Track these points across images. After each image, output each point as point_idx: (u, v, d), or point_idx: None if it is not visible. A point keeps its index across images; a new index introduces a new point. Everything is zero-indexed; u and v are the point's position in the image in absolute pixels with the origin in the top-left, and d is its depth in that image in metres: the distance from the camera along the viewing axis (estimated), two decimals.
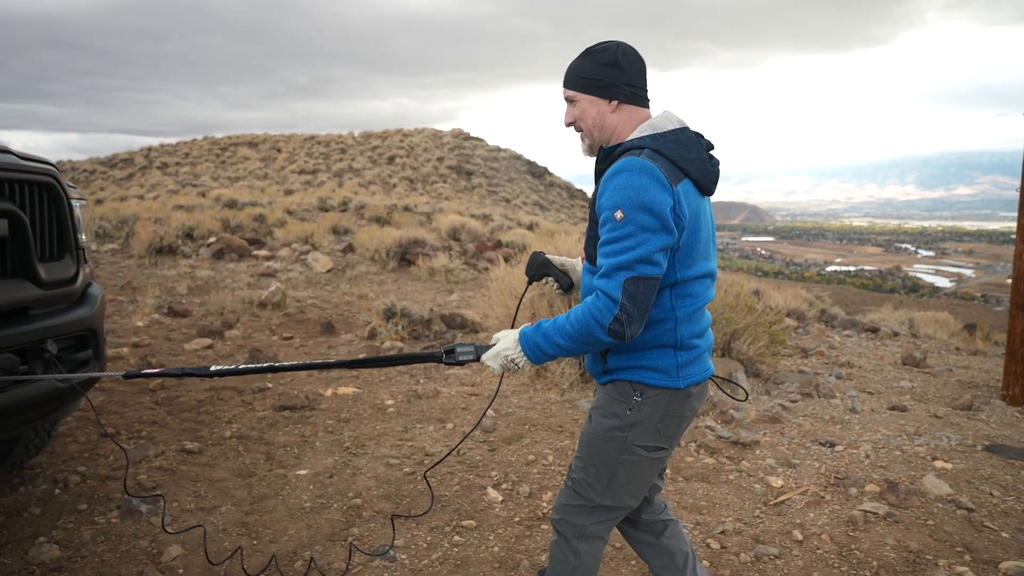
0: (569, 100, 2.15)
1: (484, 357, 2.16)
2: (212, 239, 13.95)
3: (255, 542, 3.27)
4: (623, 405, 2.11)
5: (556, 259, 2.44)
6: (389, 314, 7.50)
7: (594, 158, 2.19)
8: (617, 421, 2.11)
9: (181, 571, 3.01)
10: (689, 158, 2.01)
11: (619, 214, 1.89)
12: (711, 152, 2.13)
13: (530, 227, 21.52)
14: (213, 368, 2.47)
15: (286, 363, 2.44)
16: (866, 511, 3.73)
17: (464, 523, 3.48)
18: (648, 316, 1.99)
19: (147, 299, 8.74)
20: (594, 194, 2.08)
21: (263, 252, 13.37)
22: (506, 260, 14.56)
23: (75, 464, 4.05)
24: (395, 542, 3.29)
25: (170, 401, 5.28)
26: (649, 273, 1.89)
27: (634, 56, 2.10)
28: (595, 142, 2.16)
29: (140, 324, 7.76)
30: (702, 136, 2.12)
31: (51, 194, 3.12)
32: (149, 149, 56.24)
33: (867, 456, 4.53)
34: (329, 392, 5.51)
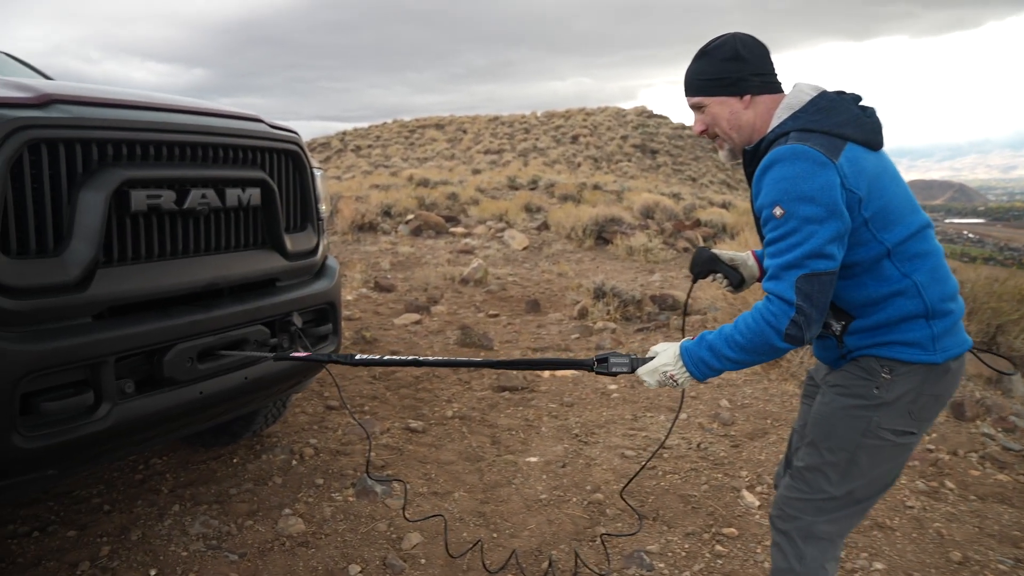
0: (696, 108, 2.01)
1: (640, 371, 2.00)
2: (410, 216, 14.28)
3: (494, 535, 3.05)
4: (868, 383, 1.89)
5: (725, 254, 2.27)
6: (599, 293, 7.18)
7: (737, 163, 2.05)
8: (861, 400, 1.90)
9: (423, 561, 2.83)
10: (841, 121, 1.83)
11: (778, 210, 1.76)
12: (861, 104, 1.92)
13: (724, 206, 20.56)
14: (358, 357, 2.45)
15: (431, 358, 2.31)
16: None
17: (724, 531, 3.08)
18: (825, 314, 1.81)
19: (354, 274, 8.97)
20: (751, 197, 1.92)
21: (459, 229, 13.51)
22: (705, 240, 13.88)
23: (307, 436, 4.04)
24: (648, 547, 2.95)
25: (387, 376, 5.24)
26: (823, 268, 1.73)
27: (754, 43, 1.94)
28: (736, 145, 2.01)
29: (349, 298, 7.93)
30: (843, 92, 1.93)
31: (296, 163, 3.02)
32: (344, 133, 59.51)
33: None
34: (547, 374, 5.27)
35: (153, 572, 2.71)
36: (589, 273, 10.16)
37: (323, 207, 3.19)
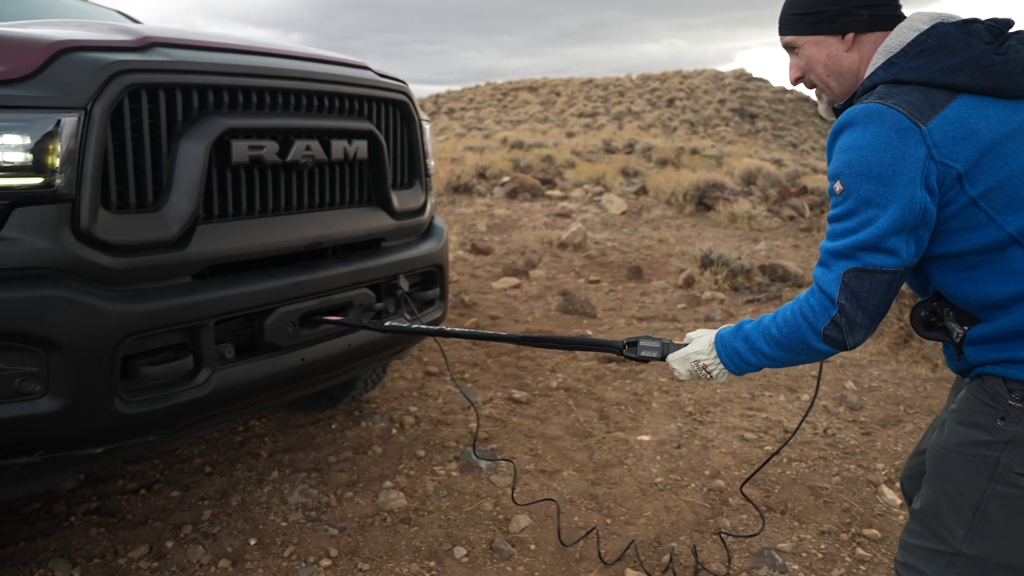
0: (790, 48, 1.67)
1: (671, 359, 1.80)
2: (505, 179, 14.08)
3: (608, 521, 2.82)
4: (992, 412, 1.48)
5: None
6: (707, 262, 6.81)
7: None
8: (982, 434, 1.49)
9: (533, 547, 2.64)
10: (951, 65, 1.43)
11: (838, 186, 1.46)
12: (1007, 33, 1.50)
13: None
14: (387, 324, 2.37)
15: (457, 329, 2.18)
16: None
17: (864, 532, 2.77)
18: (880, 319, 1.49)
19: (451, 235, 8.84)
20: None
21: (556, 192, 13.24)
22: (812, 208, 13.17)
23: (406, 403, 3.90)
24: (779, 546, 2.67)
25: (485, 343, 5.07)
26: (878, 264, 1.42)
27: None
28: (836, 97, 1.67)
29: None
30: (972, 21, 1.50)
31: (404, 114, 2.82)
32: (437, 96, 59.79)
33: None
34: None
35: (253, 541, 2.61)
36: (690, 240, 9.75)
37: (431, 163, 2.99)
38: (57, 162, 1.77)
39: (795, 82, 1.71)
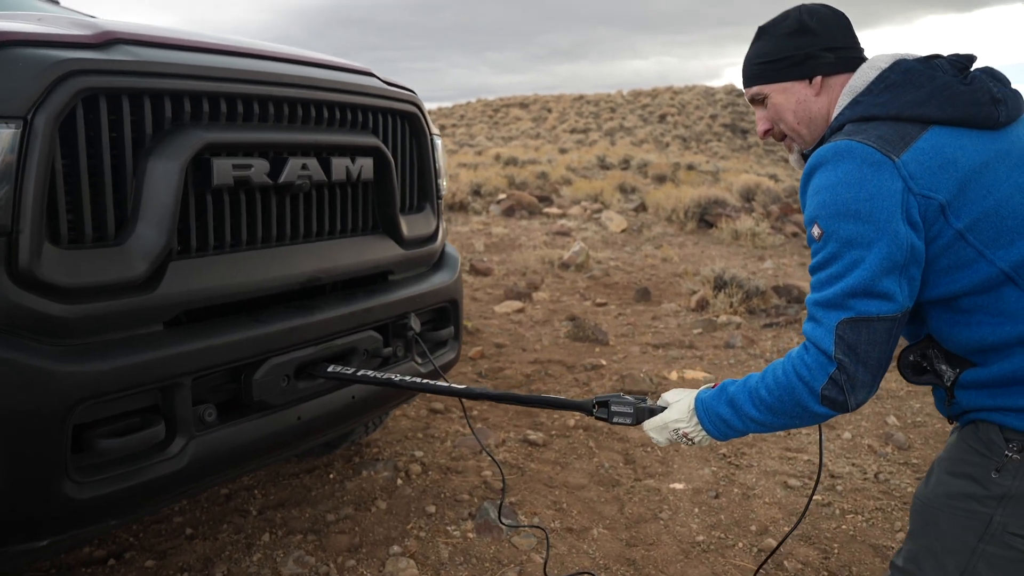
0: (756, 101, 1.61)
1: (647, 427, 1.69)
2: (501, 196, 13.77)
3: None
4: (986, 462, 1.38)
5: None
6: (720, 283, 6.47)
7: None
8: (974, 487, 1.38)
9: None
10: (918, 98, 1.37)
11: (816, 230, 1.37)
12: (969, 68, 1.43)
13: None
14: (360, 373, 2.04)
15: (408, 379, 2.01)
16: None
17: None
18: (883, 373, 1.37)
19: None
20: None
21: (554, 210, 12.92)
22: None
23: (411, 447, 3.52)
24: None
25: (494, 373, 4.70)
26: (873, 312, 1.31)
27: (826, 12, 1.54)
28: (808, 143, 1.59)
29: None
30: (934, 57, 1.45)
31: (414, 128, 2.46)
32: (428, 113, 59.87)
33: None
34: (674, 375, 4.63)
35: None
36: (695, 259, 9.44)
37: (443, 182, 2.63)
38: None
39: (764, 135, 1.63)
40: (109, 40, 1.63)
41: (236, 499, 2.99)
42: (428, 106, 2.66)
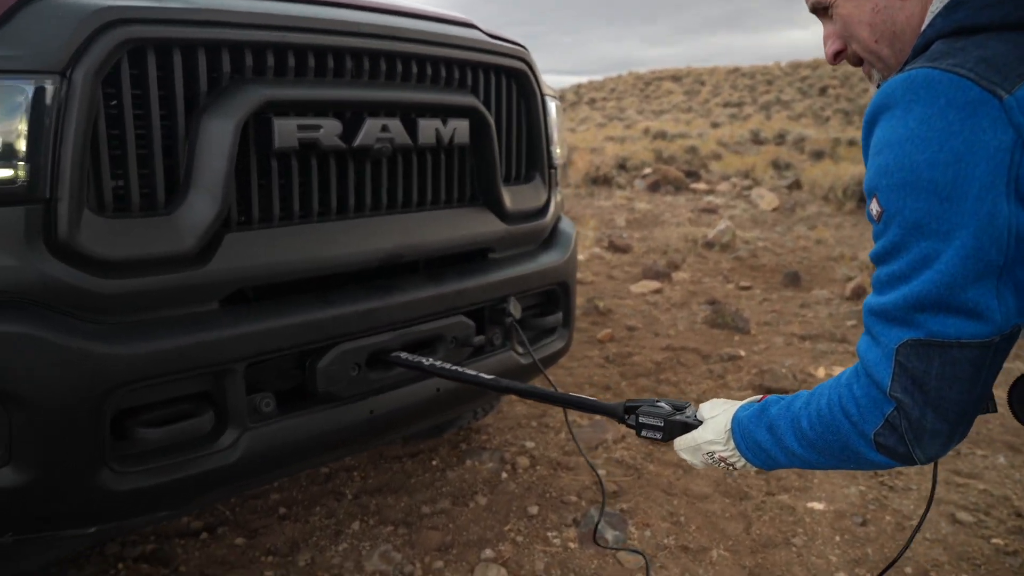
0: (819, 10, 1.15)
1: (678, 446, 1.34)
2: (647, 170, 13.31)
3: None
4: None
5: None
6: None
7: None
8: None
9: None
10: None
11: (875, 207, 0.94)
12: None
13: None
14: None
15: (439, 364, 1.76)
16: None
17: None
18: (971, 419, 0.96)
19: (587, 231, 8.24)
20: None
21: (701, 185, 12.34)
22: None
23: (522, 435, 3.30)
24: None
25: (622, 359, 4.39)
26: (951, 335, 0.89)
27: None
28: (893, 69, 1.09)
29: (581, 258, 7.16)
30: None
31: (522, 87, 2.19)
32: (579, 86, 59.57)
33: None
34: (822, 372, 4.15)
35: None
36: (853, 242, 8.66)
37: (557, 150, 2.35)
38: (22, 148, 1.26)
39: (834, 59, 1.18)
40: None
41: (335, 480, 2.87)
42: (578, 80, 2.39)
